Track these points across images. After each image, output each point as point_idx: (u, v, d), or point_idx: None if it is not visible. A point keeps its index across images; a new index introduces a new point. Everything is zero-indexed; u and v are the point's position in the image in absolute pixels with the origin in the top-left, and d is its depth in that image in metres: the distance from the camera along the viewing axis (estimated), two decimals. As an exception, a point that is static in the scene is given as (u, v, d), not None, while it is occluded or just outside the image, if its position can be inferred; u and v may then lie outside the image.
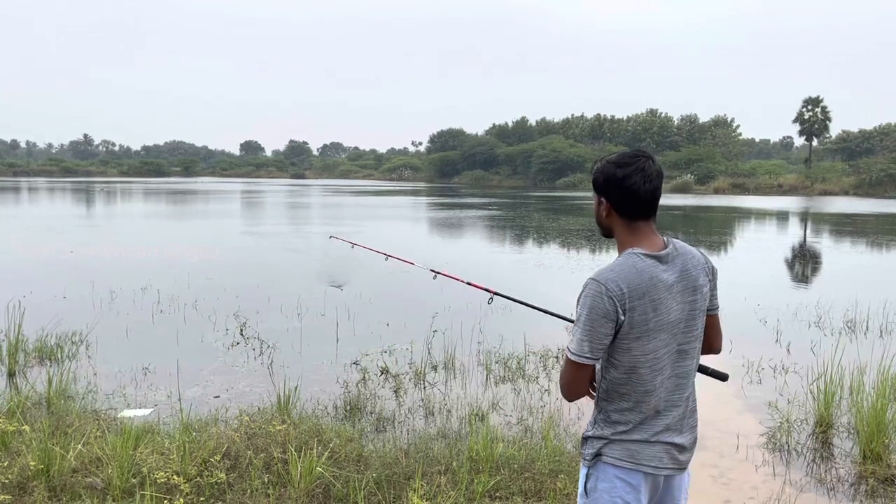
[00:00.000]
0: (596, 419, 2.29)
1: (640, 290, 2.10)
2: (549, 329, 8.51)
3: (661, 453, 2.21)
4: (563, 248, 18.93)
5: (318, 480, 4.01)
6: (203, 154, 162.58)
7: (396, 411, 5.85)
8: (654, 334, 2.14)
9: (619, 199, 2.20)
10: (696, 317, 2.22)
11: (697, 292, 2.21)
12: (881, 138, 75.56)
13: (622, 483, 2.21)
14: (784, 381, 6.76)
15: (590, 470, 2.28)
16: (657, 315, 2.13)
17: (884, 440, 4.79)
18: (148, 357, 7.26)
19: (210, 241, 19.53)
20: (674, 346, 2.19)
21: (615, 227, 2.25)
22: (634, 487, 2.21)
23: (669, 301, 2.15)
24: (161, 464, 4.09)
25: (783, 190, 60.16)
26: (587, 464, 2.29)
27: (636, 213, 2.20)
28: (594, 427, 2.29)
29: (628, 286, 2.10)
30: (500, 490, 4.04)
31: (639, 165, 2.17)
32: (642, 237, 2.21)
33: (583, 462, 2.31)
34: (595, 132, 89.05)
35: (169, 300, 10.29)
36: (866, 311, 9.72)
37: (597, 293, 2.10)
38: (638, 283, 2.10)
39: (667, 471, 2.23)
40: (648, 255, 2.16)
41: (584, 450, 2.31)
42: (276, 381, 6.34)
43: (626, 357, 2.16)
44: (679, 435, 2.24)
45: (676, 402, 2.23)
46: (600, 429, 2.27)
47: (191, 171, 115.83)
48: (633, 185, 2.16)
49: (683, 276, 2.19)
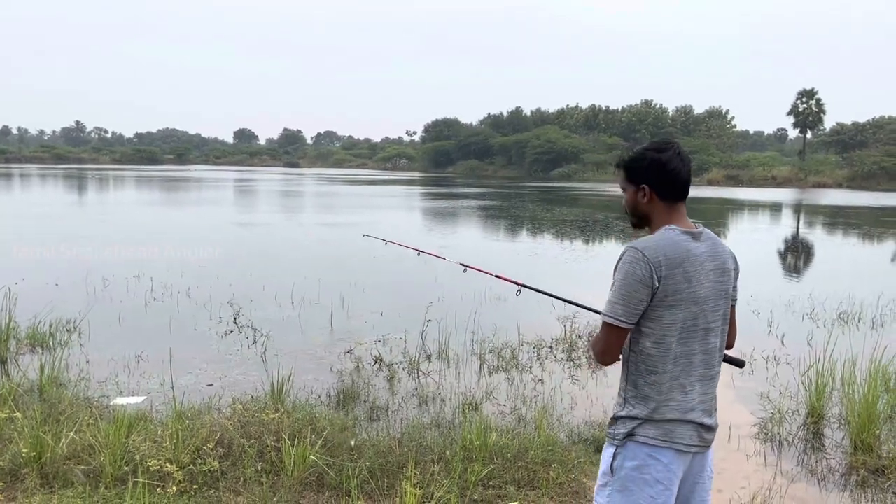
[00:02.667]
0: (626, 398, 2.31)
1: (676, 261, 2.20)
2: (543, 319, 8.53)
3: (692, 431, 2.28)
4: (557, 238, 18.93)
5: (311, 469, 4.01)
6: (196, 142, 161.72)
7: (390, 400, 5.85)
8: (686, 305, 2.22)
9: (663, 184, 2.31)
10: (723, 297, 2.31)
11: (726, 274, 2.31)
12: (874, 131, 75.65)
13: (654, 461, 2.25)
14: (776, 373, 6.79)
15: (618, 449, 2.30)
16: (690, 287, 2.22)
17: (874, 431, 4.82)
18: (141, 345, 7.24)
19: (203, 230, 19.48)
20: (702, 322, 2.26)
21: (654, 213, 2.34)
22: (666, 465, 2.26)
23: (702, 276, 2.24)
24: (154, 451, 4.08)
25: (777, 182, 60.27)
26: (616, 443, 2.31)
27: (676, 195, 2.32)
28: (626, 406, 2.31)
29: (665, 255, 2.20)
30: (494, 479, 4.05)
31: (675, 150, 2.31)
32: (680, 218, 2.32)
33: (610, 441, 2.34)
34: (590, 123, 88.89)
35: (162, 288, 10.25)
36: (859, 303, 9.77)
37: (634, 259, 2.19)
38: (675, 254, 2.21)
39: (695, 448, 2.30)
40: (684, 231, 2.27)
41: (612, 429, 2.33)
42: (270, 370, 6.33)
43: (658, 326, 2.23)
44: (707, 416, 2.31)
45: (704, 379, 2.30)
46: (632, 407, 2.29)
47: (184, 158, 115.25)
48: (674, 169, 2.29)
49: (714, 256, 2.29)
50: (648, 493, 2.24)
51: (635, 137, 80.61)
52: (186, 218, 24.23)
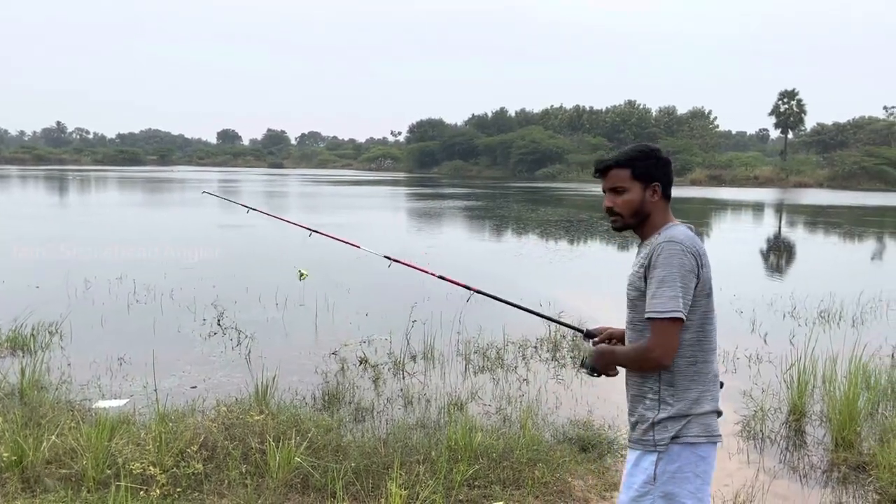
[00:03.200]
0: (663, 398, 2.28)
1: (702, 250, 2.31)
2: (528, 320, 8.53)
3: (717, 420, 2.34)
4: (542, 238, 18.98)
5: (296, 470, 3.99)
6: (179, 142, 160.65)
7: (375, 401, 5.84)
8: (712, 294, 2.34)
9: (669, 182, 2.43)
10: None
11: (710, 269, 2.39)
12: (854, 131, 76.57)
13: (696, 458, 2.27)
14: (759, 371, 6.85)
15: (660, 455, 2.27)
16: (710, 276, 2.34)
17: (855, 428, 4.87)
18: (123, 347, 7.18)
19: (187, 231, 19.35)
20: (714, 310, 2.36)
21: (656, 211, 2.39)
22: (706, 460, 2.29)
23: (710, 267, 2.34)
24: (137, 455, 4.05)
25: (759, 182, 60.82)
26: (660, 448, 2.26)
27: (670, 192, 2.45)
28: (663, 407, 2.28)
29: (696, 246, 2.29)
30: (479, 479, 4.05)
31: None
32: (672, 215, 2.44)
33: (648, 448, 2.29)
34: (574, 123, 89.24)
35: (145, 290, 10.17)
36: (840, 301, 9.88)
37: (681, 251, 2.24)
38: (700, 246, 2.32)
39: (720, 438, 2.35)
40: (688, 225, 2.38)
41: (652, 435, 2.28)
42: (254, 372, 6.29)
43: (698, 314, 2.28)
44: (720, 403, 2.38)
45: (717, 368, 2.38)
46: (672, 406, 2.28)
47: (167, 159, 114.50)
48: (671, 168, 2.46)
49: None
50: (688, 490, 2.26)
51: (619, 138, 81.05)
52: (170, 219, 24.05)
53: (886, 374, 6.06)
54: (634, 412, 2.37)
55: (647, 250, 2.33)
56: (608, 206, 2.43)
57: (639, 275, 2.33)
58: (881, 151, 60.56)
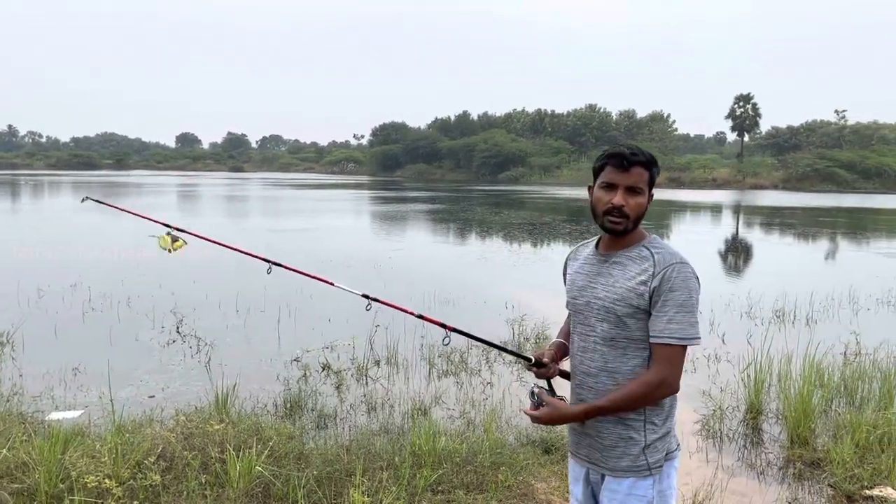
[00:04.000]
0: (649, 419, 2.15)
1: None
2: (492, 322, 8.59)
3: None
4: (506, 241, 19.08)
5: (257, 479, 3.94)
6: (137, 146, 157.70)
7: (338, 408, 5.79)
8: None
9: None
10: None
11: None
12: (808, 134, 78.65)
13: (675, 469, 2.25)
14: (717, 370, 6.97)
15: (655, 476, 2.17)
16: None
17: (810, 425, 4.99)
18: (78, 357, 7.00)
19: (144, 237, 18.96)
20: None
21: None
22: (677, 469, 2.27)
23: None
24: (92, 467, 3.94)
25: (717, 184, 62.09)
26: (655, 471, 2.16)
27: None
28: (652, 427, 2.16)
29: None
30: (443, 484, 4.05)
31: None
32: None
33: (643, 474, 2.16)
34: (536, 126, 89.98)
35: (101, 298, 9.95)
36: (794, 300, 10.11)
37: (693, 275, 2.12)
38: None
39: None
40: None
41: (646, 460, 2.15)
42: (214, 380, 6.20)
43: None
44: None
45: None
46: (659, 426, 2.17)
47: (123, 163, 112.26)
48: None
49: None
50: (672, 501, 2.23)
51: (581, 141, 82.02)
52: (127, 225, 23.56)
53: (839, 372, 6.23)
54: (607, 435, 2.19)
55: (644, 265, 2.12)
56: (619, 204, 2.12)
57: (639, 291, 2.10)
58: (832, 154, 62.34)
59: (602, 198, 2.16)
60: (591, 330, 2.21)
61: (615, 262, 2.19)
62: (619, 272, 2.16)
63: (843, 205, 38.21)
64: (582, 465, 2.31)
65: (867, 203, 39.90)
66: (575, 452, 2.34)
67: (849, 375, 6.15)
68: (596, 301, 2.19)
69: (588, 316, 2.22)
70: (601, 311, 2.17)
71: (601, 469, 2.23)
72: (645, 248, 2.16)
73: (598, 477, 2.25)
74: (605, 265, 2.21)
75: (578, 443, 2.30)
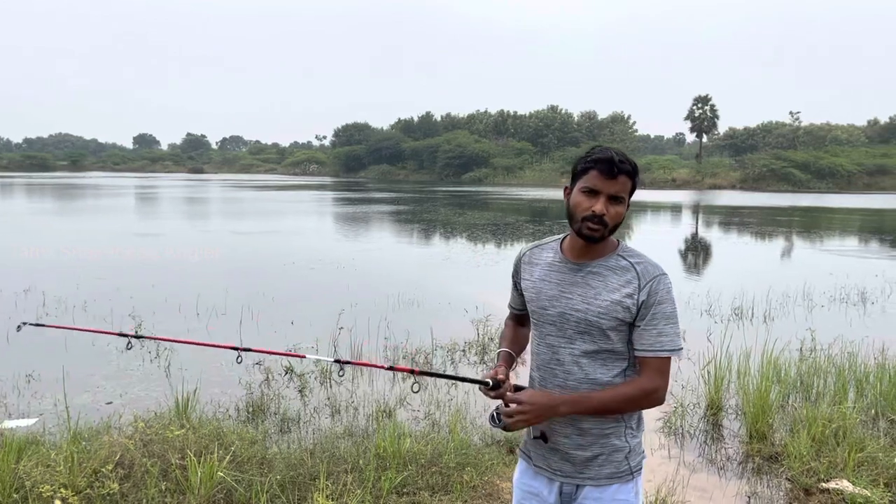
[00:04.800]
0: (630, 425, 2.17)
1: None
2: (457, 323, 8.59)
3: None
4: (470, 242, 19.11)
5: (219, 485, 3.87)
6: (93, 147, 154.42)
7: (302, 411, 5.73)
8: None
9: None
10: None
11: None
12: (764, 135, 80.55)
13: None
14: (678, 368, 7.06)
15: (637, 479, 2.19)
16: None
17: (768, 420, 5.09)
18: (32, 364, 6.81)
19: (100, 240, 18.57)
20: None
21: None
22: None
23: None
24: (47, 476, 3.84)
25: (676, 184, 63.15)
26: (636, 474, 2.18)
27: None
28: (631, 432, 2.18)
29: None
30: (408, 486, 4.03)
31: None
32: None
33: (628, 479, 2.17)
34: (499, 128, 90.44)
35: (56, 302, 9.69)
36: (752, 298, 10.32)
37: (671, 285, 2.12)
38: None
39: None
40: None
41: (629, 465, 2.16)
42: (174, 385, 6.08)
43: None
44: None
45: None
46: (640, 431, 2.21)
47: (79, 165, 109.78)
48: None
49: None
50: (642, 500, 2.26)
51: (543, 142, 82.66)
52: (82, 228, 23.02)
53: (795, 368, 6.37)
54: (590, 446, 2.15)
55: (626, 277, 2.09)
56: (601, 212, 2.03)
57: (625, 305, 2.06)
58: (788, 154, 63.86)
59: (582, 203, 2.07)
60: (569, 343, 2.13)
61: (592, 273, 2.12)
62: (599, 283, 2.10)
63: (798, 204, 39.16)
64: (553, 479, 2.21)
65: (821, 202, 40.96)
66: (543, 467, 2.23)
67: (805, 371, 6.30)
68: (574, 313, 2.11)
69: (563, 328, 2.14)
70: (581, 324, 2.10)
71: (579, 480, 2.17)
72: (623, 259, 2.12)
73: (572, 489, 2.19)
74: (579, 274, 2.13)
75: (548, 458, 2.22)
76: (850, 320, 9.37)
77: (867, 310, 10.06)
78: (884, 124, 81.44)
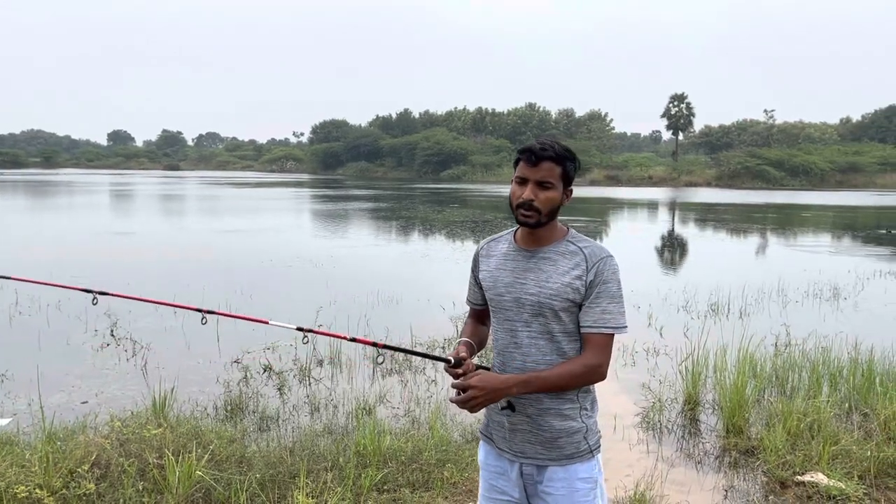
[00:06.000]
0: (583, 405, 2.26)
1: None
2: (435, 320, 8.59)
3: None
4: (449, 238, 19.13)
5: (197, 485, 3.84)
6: (66, 144, 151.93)
7: (281, 409, 5.70)
8: None
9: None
10: None
11: None
12: (739, 133, 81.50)
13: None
14: (656, 363, 7.13)
15: (596, 457, 2.27)
16: None
17: (744, 415, 5.15)
18: (5, 363, 6.69)
19: (74, 237, 18.31)
20: None
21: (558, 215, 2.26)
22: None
23: None
24: (21, 477, 3.78)
25: (653, 181, 63.59)
26: (596, 452, 2.27)
27: None
28: (586, 412, 2.27)
29: None
30: (388, 483, 4.02)
31: None
32: None
33: (587, 456, 2.25)
34: (477, 125, 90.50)
35: (29, 301, 9.54)
36: (728, 294, 10.44)
37: (617, 267, 2.21)
38: None
39: None
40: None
41: (588, 444, 2.25)
42: (151, 383, 6.02)
43: None
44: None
45: None
46: (593, 410, 2.30)
47: (52, 162, 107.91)
48: None
49: None
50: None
51: (521, 139, 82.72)
52: (56, 225, 22.67)
53: (771, 363, 6.46)
54: (547, 428, 2.22)
55: (575, 260, 2.18)
56: (529, 198, 2.16)
57: (574, 286, 2.15)
58: (762, 152, 64.59)
59: (515, 192, 2.22)
60: (525, 326, 2.23)
61: (543, 258, 2.22)
62: (550, 268, 2.20)
63: (772, 201, 39.67)
64: (514, 460, 2.29)
65: (794, 200, 41.52)
66: (505, 449, 2.31)
67: (780, 366, 6.39)
68: (528, 297, 2.20)
69: (519, 312, 2.23)
70: (535, 307, 2.20)
71: (540, 461, 2.24)
72: (571, 244, 2.23)
73: (533, 469, 2.26)
74: (532, 261, 2.24)
75: (510, 439, 2.28)
76: (824, 316, 9.52)
77: (840, 305, 10.23)
78: (856, 122, 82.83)
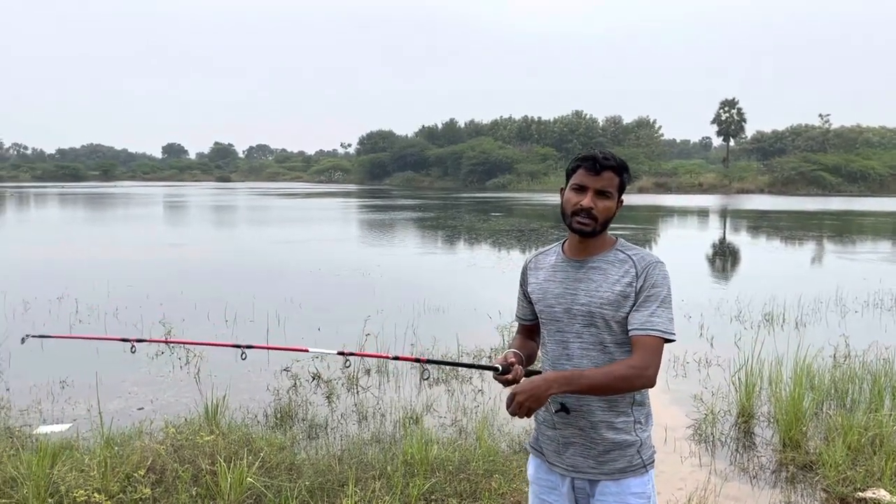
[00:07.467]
0: (637, 418, 2.22)
1: None
2: (482, 329, 8.57)
3: None
4: (495, 248, 19.09)
5: (248, 491, 3.90)
6: (123, 157, 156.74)
7: (329, 417, 5.75)
8: None
9: None
10: None
11: None
12: (793, 138, 79.38)
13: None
14: (708, 374, 6.98)
15: (650, 472, 2.24)
16: None
17: (801, 428, 5.00)
18: (65, 370, 6.92)
19: (132, 248, 18.86)
20: None
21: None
22: None
23: None
24: (81, 481, 3.89)
25: (703, 188, 62.46)
26: (649, 466, 2.23)
27: None
28: (641, 426, 2.23)
29: None
30: (436, 493, 4.02)
31: None
32: None
33: (640, 472, 2.22)
34: (523, 133, 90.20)
35: (88, 310, 9.85)
36: (783, 304, 10.16)
37: (668, 275, 2.20)
38: None
39: None
40: None
41: (641, 458, 2.22)
42: (204, 391, 6.15)
43: None
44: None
45: None
46: (647, 423, 2.26)
47: (110, 175, 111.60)
48: None
49: None
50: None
51: (567, 148, 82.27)
52: (114, 236, 23.41)
53: (829, 375, 6.25)
54: (599, 442, 2.19)
55: (625, 268, 2.17)
56: (589, 206, 2.15)
57: (626, 294, 2.14)
58: (817, 158, 62.88)
59: (572, 199, 2.20)
60: (577, 337, 2.22)
61: (593, 268, 2.22)
62: (600, 277, 2.19)
63: (828, 208, 38.53)
64: (565, 474, 2.27)
65: (852, 206, 40.26)
66: (556, 463, 2.29)
67: (839, 378, 6.18)
68: (579, 307, 2.20)
69: (570, 323, 2.22)
70: (587, 317, 2.19)
71: (592, 475, 2.22)
72: (620, 252, 2.22)
73: (585, 483, 2.24)
74: (581, 271, 2.23)
75: (561, 453, 2.26)
76: (885, 326, 9.18)
77: (902, 315, 9.85)
78: (917, 126, 79.90)
